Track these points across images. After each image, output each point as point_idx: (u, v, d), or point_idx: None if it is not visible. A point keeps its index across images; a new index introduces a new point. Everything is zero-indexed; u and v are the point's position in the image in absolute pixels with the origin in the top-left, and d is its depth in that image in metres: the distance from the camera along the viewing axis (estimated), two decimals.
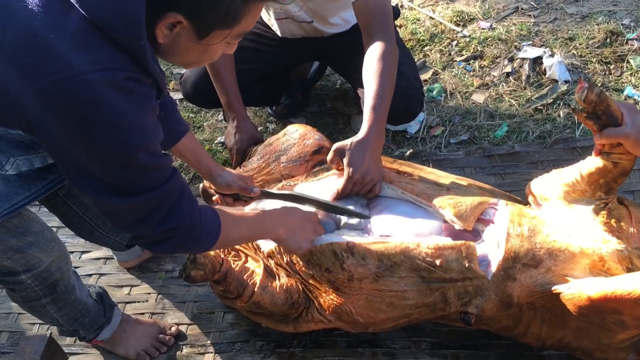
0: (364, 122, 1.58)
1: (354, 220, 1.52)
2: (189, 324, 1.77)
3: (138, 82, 1.00)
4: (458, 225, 1.44)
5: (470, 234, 1.45)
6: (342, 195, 1.55)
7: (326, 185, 1.61)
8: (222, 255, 1.51)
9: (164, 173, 1.10)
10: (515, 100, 2.33)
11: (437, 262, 1.36)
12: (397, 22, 2.70)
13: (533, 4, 2.79)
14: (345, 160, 1.54)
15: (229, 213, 1.32)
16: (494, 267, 1.36)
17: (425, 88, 2.43)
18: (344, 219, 1.52)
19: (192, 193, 1.18)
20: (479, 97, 2.38)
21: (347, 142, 1.56)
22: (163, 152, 1.12)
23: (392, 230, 1.48)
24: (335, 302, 1.50)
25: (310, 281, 1.52)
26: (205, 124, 2.51)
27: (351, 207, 1.52)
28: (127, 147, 1.01)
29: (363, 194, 1.55)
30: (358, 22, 1.78)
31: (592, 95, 1.18)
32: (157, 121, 1.09)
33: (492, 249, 1.40)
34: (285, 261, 1.54)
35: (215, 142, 2.41)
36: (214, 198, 1.65)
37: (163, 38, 1.02)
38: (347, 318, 1.51)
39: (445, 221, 1.47)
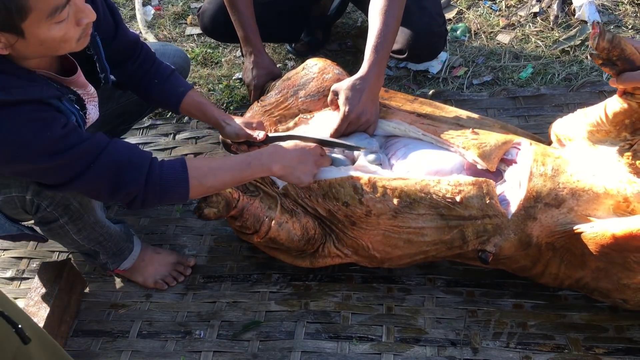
0: (364, 61, 1.56)
1: (372, 157, 1.50)
2: (206, 256, 1.79)
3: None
4: (481, 166, 1.41)
5: (492, 175, 1.43)
6: (336, 135, 1.55)
7: (327, 123, 1.60)
8: (239, 192, 1.50)
9: (83, 160, 1.22)
10: (542, 41, 2.26)
11: (458, 198, 1.35)
12: None
13: None
14: (341, 99, 1.54)
15: (202, 162, 1.41)
16: (514, 206, 1.35)
17: (449, 27, 2.36)
18: (361, 157, 1.51)
19: (137, 158, 1.28)
20: (504, 38, 2.31)
21: (344, 81, 1.55)
22: (84, 138, 1.22)
23: (412, 169, 1.46)
24: (352, 236, 1.50)
25: (327, 216, 1.51)
26: (223, 59, 2.47)
27: (351, 143, 1.52)
28: (21, 161, 1.17)
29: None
30: None
31: (603, 42, 1.16)
32: (44, 122, 1.17)
33: (513, 188, 1.38)
34: (301, 197, 1.53)
35: (233, 78, 2.38)
36: (232, 147, 1.66)
37: (2, 49, 1.11)
38: (363, 253, 1.52)
39: (467, 161, 1.45)
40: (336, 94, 1.57)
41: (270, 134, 1.58)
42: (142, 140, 2.17)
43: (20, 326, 1.06)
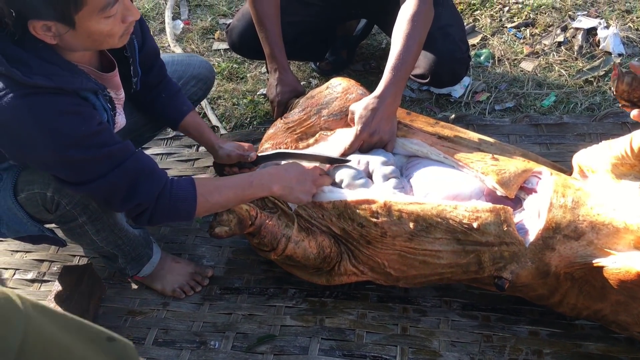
0: (382, 80, 1.61)
1: (394, 182, 1.51)
2: (223, 267, 1.80)
3: (34, 95, 1.16)
4: (500, 192, 1.42)
5: (511, 202, 1.43)
6: (349, 152, 1.60)
7: (344, 140, 1.63)
8: (257, 209, 1.53)
9: (110, 162, 1.26)
10: (566, 70, 2.27)
11: (475, 224, 1.35)
12: None
13: None
14: (355, 118, 1.58)
15: (208, 180, 1.49)
16: (533, 236, 1.34)
17: (472, 53, 2.38)
18: (377, 176, 1.52)
19: (156, 172, 1.33)
20: (527, 65, 2.33)
21: (361, 101, 1.60)
22: (115, 141, 1.27)
23: (431, 191, 1.47)
24: (367, 254, 1.51)
25: (341, 234, 1.53)
26: (248, 75, 2.51)
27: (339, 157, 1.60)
28: (51, 149, 1.20)
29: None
30: None
31: (622, 85, 1.18)
32: (79, 115, 1.22)
33: (532, 217, 1.38)
34: (313, 217, 1.55)
35: (258, 93, 2.41)
36: (225, 170, 1.73)
37: (52, 39, 1.17)
38: (379, 270, 1.52)
39: (487, 187, 1.46)
40: (353, 112, 1.60)
41: (260, 154, 1.66)
42: (165, 151, 2.21)
43: None
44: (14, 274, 1.87)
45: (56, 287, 1.66)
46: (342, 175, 1.56)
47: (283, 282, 1.73)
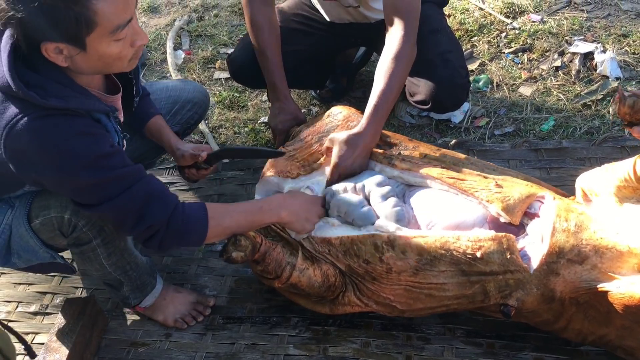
0: (364, 118, 1.64)
1: (393, 211, 1.51)
2: (226, 297, 1.80)
3: (49, 117, 1.18)
4: (504, 219, 1.42)
5: (514, 228, 1.43)
6: (328, 184, 1.63)
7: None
8: (262, 236, 1.53)
9: (121, 184, 1.27)
10: (564, 94, 2.29)
11: (478, 254, 1.35)
12: (446, 11, 2.68)
13: None
14: (335, 151, 1.62)
15: (219, 204, 1.50)
16: (536, 261, 1.34)
17: (471, 79, 2.40)
18: (383, 211, 1.51)
19: (167, 195, 1.34)
20: (526, 90, 2.35)
21: (342, 134, 1.62)
22: (126, 164, 1.29)
23: (434, 220, 1.47)
24: (372, 289, 1.50)
25: (346, 270, 1.53)
26: (249, 103, 2.54)
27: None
28: (65, 170, 1.21)
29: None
30: (384, 12, 1.79)
31: (624, 108, 1.20)
32: (92, 137, 1.24)
33: (536, 242, 1.38)
34: (319, 251, 1.55)
35: (259, 122, 2.43)
36: (185, 172, 1.77)
37: (63, 61, 1.19)
38: (384, 303, 1.52)
39: (490, 214, 1.46)
40: (331, 142, 1.63)
41: (209, 153, 1.69)
42: (167, 180, 2.22)
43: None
44: (17, 306, 1.87)
45: (59, 319, 1.65)
46: (345, 206, 1.55)
47: (286, 311, 1.72)
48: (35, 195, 1.43)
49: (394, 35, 1.72)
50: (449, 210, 1.48)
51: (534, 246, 1.38)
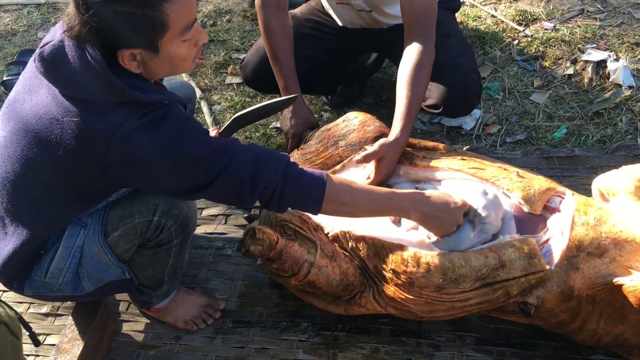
0: (397, 125, 1.67)
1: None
2: (236, 300, 1.80)
3: (152, 111, 1.22)
4: (526, 209, 1.43)
5: (538, 218, 1.45)
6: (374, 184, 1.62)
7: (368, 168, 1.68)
8: (277, 234, 1.53)
9: (226, 152, 1.27)
10: (576, 103, 2.28)
11: (501, 262, 1.37)
12: (458, 18, 2.68)
13: (599, 6, 2.72)
14: (381, 164, 1.63)
15: (343, 179, 1.42)
16: (557, 256, 1.36)
17: (483, 85, 2.40)
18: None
19: (275, 153, 1.34)
20: (538, 98, 2.34)
21: (389, 148, 1.63)
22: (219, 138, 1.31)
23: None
24: (393, 295, 1.50)
25: (373, 271, 1.53)
26: None
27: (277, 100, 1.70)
28: (174, 151, 1.23)
29: None
30: (402, 17, 1.81)
31: None
32: (189, 119, 1.29)
33: (556, 237, 1.40)
34: (350, 246, 1.55)
35: (270, 126, 2.44)
36: None
37: (136, 68, 1.22)
38: (402, 308, 1.51)
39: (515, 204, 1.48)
40: (382, 158, 1.62)
41: (221, 130, 1.66)
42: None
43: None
44: (29, 307, 1.88)
45: (70, 321, 1.66)
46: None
47: (296, 316, 1.73)
48: (110, 209, 1.43)
49: (414, 40, 1.74)
50: (475, 199, 1.47)
51: (555, 240, 1.40)
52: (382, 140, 1.63)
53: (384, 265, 1.48)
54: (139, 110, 1.20)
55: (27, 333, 1.36)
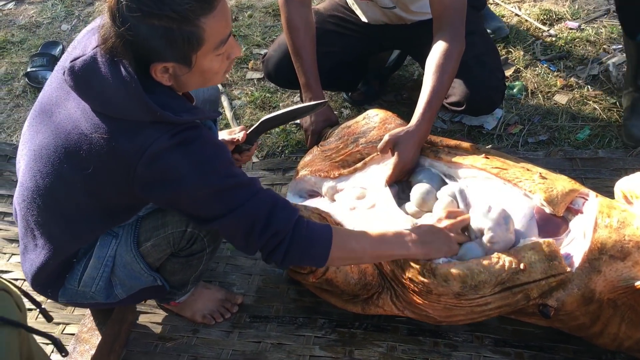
0: (417, 113, 1.66)
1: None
2: (253, 295, 1.81)
3: (182, 132, 1.21)
4: (548, 210, 1.42)
5: (560, 219, 1.44)
6: (388, 183, 1.63)
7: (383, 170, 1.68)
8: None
9: (247, 190, 1.27)
10: (600, 104, 2.25)
11: (522, 266, 1.35)
12: None
13: None
14: (398, 151, 1.62)
15: (344, 228, 1.48)
16: (579, 259, 1.34)
17: (506, 84, 2.37)
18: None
19: (290, 204, 1.33)
20: (561, 98, 2.31)
21: (402, 134, 1.63)
22: (244, 173, 1.31)
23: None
24: (411, 300, 1.49)
25: (391, 276, 1.52)
26: (280, 104, 2.55)
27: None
28: (201, 177, 1.22)
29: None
30: (431, 10, 1.80)
31: None
32: (218, 146, 1.28)
33: (578, 239, 1.38)
34: None
35: (290, 122, 2.44)
36: None
37: (168, 80, 1.21)
38: (420, 312, 1.50)
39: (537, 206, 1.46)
40: (394, 144, 1.63)
41: (248, 131, 1.64)
42: None
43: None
44: None
45: (89, 311, 1.68)
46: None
47: (312, 312, 1.73)
48: (142, 220, 1.44)
49: (443, 31, 1.74)
50: (497, 201, 1.48)
51: (577, 242, 1.38)
52: (393, 131, 1.65)
53: (400, 272, 1.47)
54: (170, 129, 1.19)
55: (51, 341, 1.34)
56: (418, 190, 1.59)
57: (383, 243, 1.41)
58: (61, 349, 1.27)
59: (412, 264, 1.43)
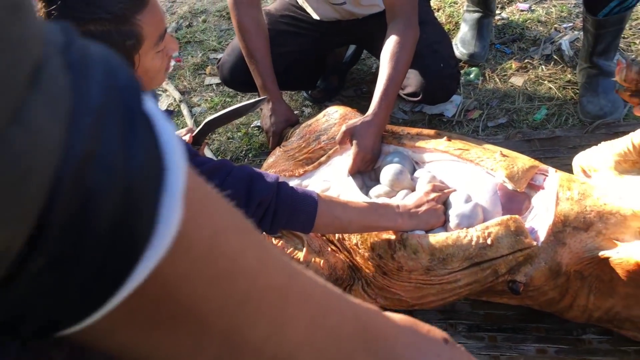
0: (374, 102, 1.68)
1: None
2: None
3: None
4: (510, 187, 1.45)
5: (522, 196, 1.47)
6: (351, 173, 1.64)
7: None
8: (264, 232, 1.53)
9: (220, 172, 1.27)
10: (555, 83, 2.29)
11: (489, 241, 1.37)
12: (434, 5, 2.68)
13: None
14: (355, 139, 1.63)
15: (336, 198, 1.45)
16: (543, 233, 1.37)
17: (462, 71, 2.40)
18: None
19: (267, 174, 1.33)
20: (517, 80, 2.35)
21: (355, 122, 1.65)
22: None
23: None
24: (382, 284, 1.51)
25: (359, 259, 1.53)
26: None
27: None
28: None
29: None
30: (383, 1, 1.82)
31: (631, 74, 1.19)
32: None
33: (542, 214, 1.41)
34: (337, 237, 1.56)
35: (252, 125, 2.43)
36: None
37: None
38: (392, 297, 1.52)
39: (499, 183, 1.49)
40: (351, 134, 1.64)
41: (195, 133, 1.67)
42: None
43: None
44: None
45: None
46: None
47: None
48: None
49: (397, 20, 1.75)
50: (461, 180, 1.53)
51: (540, 217, 1.41)
52: (350, 121, 1.66)
53: (371, 253, 1.48)
54: None
55: None
56: (390, 169, 1.60)
57: (370, 214, 1.41)
58: None
59: (382, 238, 1.45)
